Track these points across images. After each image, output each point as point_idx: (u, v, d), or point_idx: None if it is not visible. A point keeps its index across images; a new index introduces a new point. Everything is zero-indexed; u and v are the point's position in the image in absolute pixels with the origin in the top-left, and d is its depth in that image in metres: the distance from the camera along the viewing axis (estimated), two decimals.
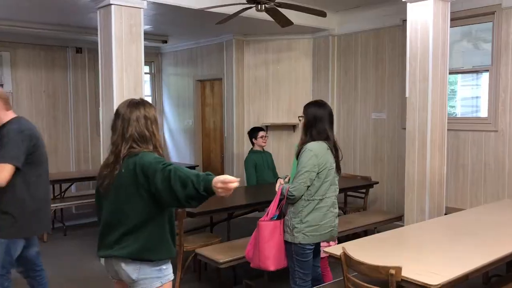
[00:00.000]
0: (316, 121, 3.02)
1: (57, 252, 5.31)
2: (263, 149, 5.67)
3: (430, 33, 4.21)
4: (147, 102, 2.31)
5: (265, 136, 5.64)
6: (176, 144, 8.24)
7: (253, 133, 5.67)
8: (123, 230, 2.17)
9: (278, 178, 3.25)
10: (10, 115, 2.96)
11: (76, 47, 7.26)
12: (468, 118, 5.47)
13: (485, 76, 5.30)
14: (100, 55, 4.67)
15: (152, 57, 8.24)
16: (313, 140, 3.01)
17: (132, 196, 2.13)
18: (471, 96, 5.75)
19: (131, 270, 2.18)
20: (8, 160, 2.78)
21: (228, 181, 1.93)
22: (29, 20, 5.89)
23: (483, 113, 5.38)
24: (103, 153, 4.74)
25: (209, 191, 1.97)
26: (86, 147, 7.41)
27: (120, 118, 2.23)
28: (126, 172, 2.14)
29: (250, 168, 5.56)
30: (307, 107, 3.10)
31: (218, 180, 1.94)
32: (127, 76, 4.50)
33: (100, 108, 4.81)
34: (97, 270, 4.75)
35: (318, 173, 2.95)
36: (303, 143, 3.00)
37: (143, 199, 2.13)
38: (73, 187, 6.89)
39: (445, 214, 4.43)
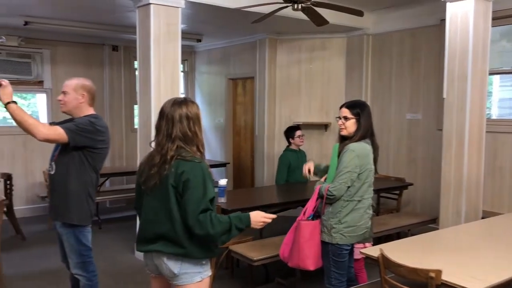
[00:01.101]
0: (371, 122, 3.06)
1: (92, 245, 5.44)
2: (299, 148, 5.67)
3: (470, 33, 4.12)
4: (190, 100, 2.31)
5: (302, 135, 5.64)
6: (207, 141, 8.31)
7: (291, 132, 5.66)
8: (167, 228, 2.19)
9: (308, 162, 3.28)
10: (91, 110, 3.08)
11: (112, 45, 7.42)
12: (507, 120, 5.33)
13: None
14: (138, 54, 4.76)
15: (186, 55, 8.34)
16: (363, 139, 3.00)
17: (172, 198, 2.17)
18: (509, 97, 5.60)
19: (173, 265, 2.22)
20: (65, 128, 2.86)
21: (269, 217, 2.34)
22: (69, 18, 6.05)
23: None
24: (140, 150, 4.83)
25: (249, 225, 2.29)
26: (120, 143, 7.56)
27: (164, 118, 2.25)
28: (174, 173, 2.16)
29: (283, 167, 5.56)
30: (362, 107, 3.06)
31: (260, 217, 2.32)
32: (165, 75, 4.57)
33: (137, 105, 4.91)
34: (131, 263, 4.86)
35: (359, 174, 2.94)
36: (351, 142, 2.99)
37: (179, 205, 2.18)
38: (107, 182, 7.05)
39: (482, 217, 4.34)
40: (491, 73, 5.18)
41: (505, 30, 5.21)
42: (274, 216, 2.31)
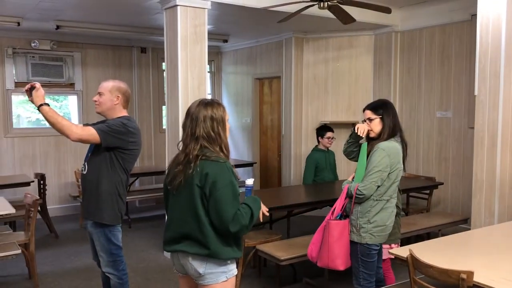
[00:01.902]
0: (396, 118, 3.03)
1: (123, 244, 5.54)
2: (327, 148, 5.62)
3: (503, 28, 4.00)
4: (217, 102, 2.33)
5: (332, 138, 5.56)
6: (234, 141, 8.36)
7: (322, 131, 5.60)
8: (192, 228, 2.22)
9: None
10: (124, 112, 3.14)
11: (141, 47, 7.55)
12: None
13: None
14: (166, 55, 4.82)
15: (213, 56, 8.40)
16: (392, 137, 2.97)
17: (197, 197, 2.19)
18: None
19: (198, 265, 2.24)
20: (97, 129, 2.92)
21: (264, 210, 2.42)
22: (98, 22, 6.20)
23: None
24: (168, 150, 4.90)
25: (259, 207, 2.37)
26: (149, 144, 7.68)
27: (189, 117, 2.29)
28: (199, 173, 2.18)
29: (310, 167, 5.53)
30: (383, 105, 3.04)
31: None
32: (192, 75, 4.62)
33: (165, 106, 4.98)
34: (161, 261, 4.93)
35: (389, 174, 2.91)
36: (379, 142, 2.96)
37: (204, 205, 2.20)
38: (137, 181, 7.17)
39: None
40: None
41: None
42: (266, 213, 2.45)
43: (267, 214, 2.46)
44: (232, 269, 2.31)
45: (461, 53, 5.66)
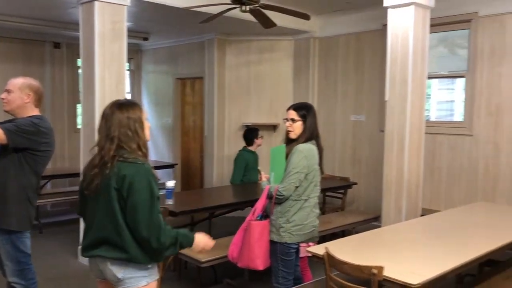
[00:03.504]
0: (316, 123, 3.14)
1: (33, 250, 5.19)
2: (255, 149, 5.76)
3: (410, 39, 4.29)
4: (133, 103, 2.27)
5: (261, 137, 5.79)
6: (154, 142, 8.18)
7: (254, 132, 5.75)
8: (109, 231, 2.14)
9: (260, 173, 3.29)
10: (36, 112, 2.96)
11: (54, 42, 7.13)
12: (444, 122, 5.61)
13: (460, 81, 5.46)
14: (82, 52, 4.60)
15: (132, 54, 8.14)
16: (309, 140, 3.07)
17: (115, 201, 2.12)
18: (445, 100, 5.91)
19: (117, 269, 2.16)
20: (4, 128, 2.73)
21: (208, 248, 2.39)
22: (7, 13, 5.77)
23: (457, 117, 5.53)
24: (83, 151, 4.68)
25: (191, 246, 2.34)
26: (62, 144, 7.26)
27: (104, 119, 2.21)
28: (116, 175, 2.11)
29: (240, 167, 5.59)
30: (308, 109, 3.13)
31: (200, 246, 2.35)
32: (110, 74, 4.45)
33: (80, 105, 4.75)
34: (75, 268, 4.70)
35: (306, 174, 3.01)
36: (298, 144, 3.05)
37: (122, 208, 2.13)
38: (48, 184, 6.76)
39: (421, 215, 4.55)
40: (430, 77, 5.43)
41: (441, 36, 5.49)
42: (212, 244, 2.42)
43: (208, 249, 2.41)
44: (153, 274, 2.25)
45: (374, 60, 6.00)
